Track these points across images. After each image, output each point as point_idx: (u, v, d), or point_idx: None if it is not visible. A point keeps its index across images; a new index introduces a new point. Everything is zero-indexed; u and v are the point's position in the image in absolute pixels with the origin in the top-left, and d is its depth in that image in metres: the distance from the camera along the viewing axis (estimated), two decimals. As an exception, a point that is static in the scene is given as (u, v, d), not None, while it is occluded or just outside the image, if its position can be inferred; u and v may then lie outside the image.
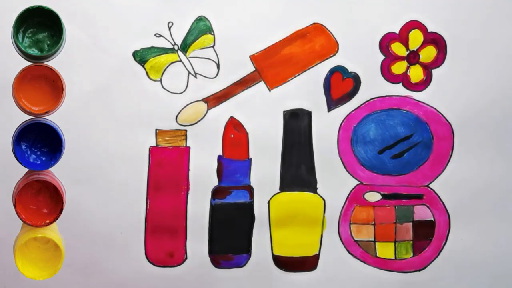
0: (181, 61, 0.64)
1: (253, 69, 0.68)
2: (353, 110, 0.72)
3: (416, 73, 0.73)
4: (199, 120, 0.66)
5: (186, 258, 0.66)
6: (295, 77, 0.70)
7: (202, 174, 0.67)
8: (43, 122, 0.51)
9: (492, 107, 0.73)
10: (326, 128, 0.71)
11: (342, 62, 0.71)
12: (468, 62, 0.72)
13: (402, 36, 0.72)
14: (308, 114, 0.71)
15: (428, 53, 0.73)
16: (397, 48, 0.72)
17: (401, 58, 0.73)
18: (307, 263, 0.71)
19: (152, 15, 0.62)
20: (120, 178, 0.62)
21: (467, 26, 0.72)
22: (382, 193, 0.73)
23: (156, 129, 0.64)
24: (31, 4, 0.49)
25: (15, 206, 0.51)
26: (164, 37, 0.63)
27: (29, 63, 0.50)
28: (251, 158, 0.69)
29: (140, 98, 0.63)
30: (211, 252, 0.68)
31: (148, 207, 0.64)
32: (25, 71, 0.50)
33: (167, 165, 0.65)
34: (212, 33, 0.65)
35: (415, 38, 0.72)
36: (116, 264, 0.61)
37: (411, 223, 0.74)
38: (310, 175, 0.71)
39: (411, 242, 0.74)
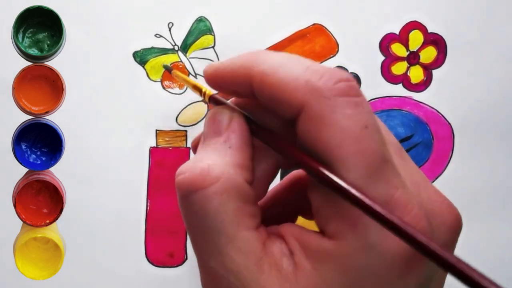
0: (181, 61, 0.64)
1: (253, 69, 0.68)
2: (353, 111, 0.72)
3: (416, 74, 0.73)
4: (200, 121, 0.66)
5: (186, 258, 0.66)
6: (295, 77, 0.70)
7: (202, 175, 0.67)
8: (43, 122, 0.51)
9: (492, 108, 0.73)
10: (326, 128, 0.71)
11: (342, 62, 0.71)
12: (469, 63, 0.72)
13: (402, 37, 0.72)
14: (308, 114, 0.70)
15: (428, 54, 0.73)
16: (397, 49, 0.72)
17: (401, 59, 0.73)
18: (307, 264, 0.71)
19: (152, 15, 0.62)
20: (120, 178, 0.62)
21: (468, 27, 0.72)
22: (382, 193, 0.73)
23: (156, 130, 0.64)
24: (31, 4, 0.49)
25: (15, 206, 0.51)
26: (165, 38, 0.63)
27: (29, 63, 0.50)
28: (251, 159, 0.69)
29: (140, 99, 0.63)
30: (211, 253, 0.68)
31: (148, 208, 0.64)
32: (25, 71, 0.50)
33: (167, 165, 0.65)
34: (212, 33, 0.65)
35: (415, 38, 0.72)
36: (116, 264, 0.61)
37: (411, 224, 0.74)
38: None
39: (412, 243, 0.74)
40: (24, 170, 0.54)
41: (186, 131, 0.66)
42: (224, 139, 0.31)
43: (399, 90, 0.73)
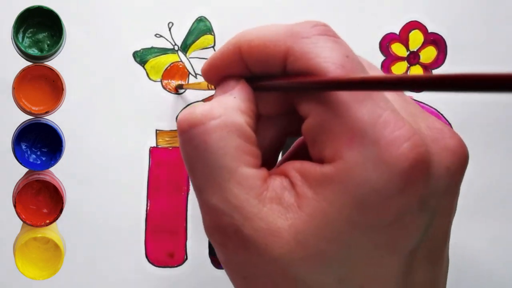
0: (181, 61, 0.64)
1: (253, 69, 0.68)
2: (353, 111, 0.72)
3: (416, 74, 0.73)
4: (199, 121, 0.66)
5: (186, 258, 0.66)
6: (295, 77, 0.70)
7: (202, 175, 0.67)
8: (43, 122, 0.51)
9: (492, 108, 0.73)
10: (326, 128, 0.71)
11: (342, 62, 0.71)
12: (469, 63, 0.72)
13: (402, 37, 0.72)
14: (308, 114, 0.70)
15: (428, 54, 0.73)
16: (397, 49, 0.72)
17: (401, 59, 0.73)
18: (307, 264, 0.71)
19: (152, 15, 0.62)
20: (120, 178, 0.62)
21: (468, 27, 0.72)
22: (382, 193, 0.73)
23: (156, 130, 0.64)
24: (31, 4, 0.49)
25: (15, 206, 0.51)
26: (165, 38, 0.63)
27: (29, 63, 0.50)
28: (251, 159, 0.69)
29: (140, 99, 0.63)
30: (211, 253, 0.67)
31: (148, 208, 0.64)
32: (25, 71, 0.50)
33: (167, 165, 0.65)
34: (213, 33, 0.65)
35: (415, 38, 0.72)
36: (116, 264, 0.61)
37: (411, 224, 0.74)
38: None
39: (412, 242, 0.74)
40: (24, 170, 0.54)
41: (186, 131, 0.66)
42: (229, 94, 0.32)
43: (399, 90, 0.73)
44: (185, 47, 0.64)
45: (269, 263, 0.29)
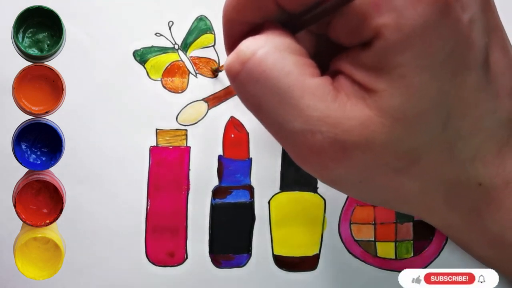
0: (181, 60, 0.64)
1: (254, 68, 0.68)
2: (353, 110, 0.72)
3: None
4: (200, 120, 0.66)
5: (187, 258, 0.66)
6: (296, 76, 0.70)
7: (203, 174, 0.67)
8: (43, 122, 0.51)
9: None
10: (326, 128, 0.71)
11: (342, 61, 0.71)
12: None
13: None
14: (309, 113, 0.70)
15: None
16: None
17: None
18: (307, 263, 0.71)
19: (152, 14, 0.62)
20: (120, 178, 0.62)
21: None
22: (382, 193, 0.73)
23: (156, 129, 0.64)
24: (31, 4, 0.49)
25: (15, 206, 0.51)
26: (165, 37, 0.63)
27: (29, 63, 0.50)
28: (251, 158, 0.69)
29: (140, 98, 0.63)
30: (211, 252, 0.68)
31: (148, 207, 0.64)
32: (25, 71, 0.50)
33: (167, 165, 0.65)
34: (213, 32, 0.65)
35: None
36: (116, 264, 0.61)
37: (411, 223, 0.74)
38: (310, 175, 0.71)
39: (412, 241, 0.74)
40: (24, 170, 0.54)
41: (186, 130, 0.66)
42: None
43: (399, 89, 0.73)
44: (185, 46, 0.64)
45: (379, 154, 0.29)
